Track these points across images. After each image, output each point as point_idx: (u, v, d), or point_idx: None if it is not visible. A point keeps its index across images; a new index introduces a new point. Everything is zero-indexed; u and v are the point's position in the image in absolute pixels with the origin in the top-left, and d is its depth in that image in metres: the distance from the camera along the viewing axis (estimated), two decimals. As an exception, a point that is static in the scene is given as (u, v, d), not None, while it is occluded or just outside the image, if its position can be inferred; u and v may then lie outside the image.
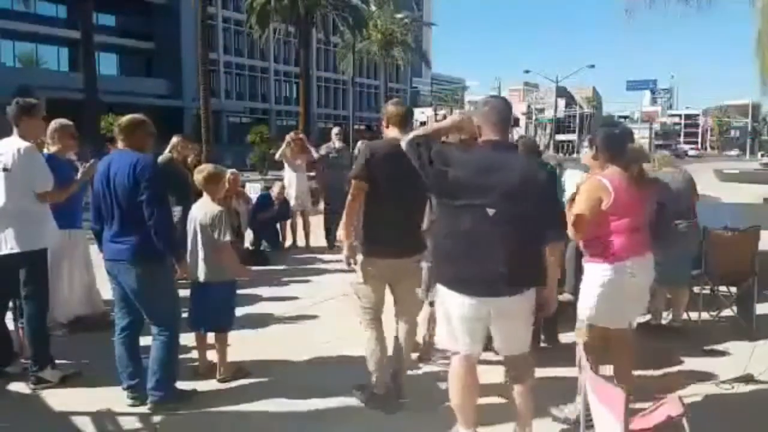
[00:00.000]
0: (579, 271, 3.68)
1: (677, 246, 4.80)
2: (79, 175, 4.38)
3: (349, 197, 3.53)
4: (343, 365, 4.30)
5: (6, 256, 3.85)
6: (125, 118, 3.73)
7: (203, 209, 4.07)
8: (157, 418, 3.55)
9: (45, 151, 4.60)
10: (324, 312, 5.73)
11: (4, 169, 3.84)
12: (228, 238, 3.97)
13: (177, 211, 5.37)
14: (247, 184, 11.69)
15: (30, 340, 3.94)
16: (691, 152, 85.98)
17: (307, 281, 7.06)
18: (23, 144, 3.88)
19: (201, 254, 4.01)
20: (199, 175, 4.17)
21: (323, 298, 6.20)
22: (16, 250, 3.85)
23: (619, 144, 3.46)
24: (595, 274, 3.39)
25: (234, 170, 7.49)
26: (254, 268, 6.52)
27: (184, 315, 4.02)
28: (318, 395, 3.81)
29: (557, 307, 3.18)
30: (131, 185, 3.46)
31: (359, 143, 9.98)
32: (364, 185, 3.49)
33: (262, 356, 4.48)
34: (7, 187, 3.84)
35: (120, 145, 3.67)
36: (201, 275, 4.01)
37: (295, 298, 6.25)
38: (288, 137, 9.06)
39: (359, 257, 3.60)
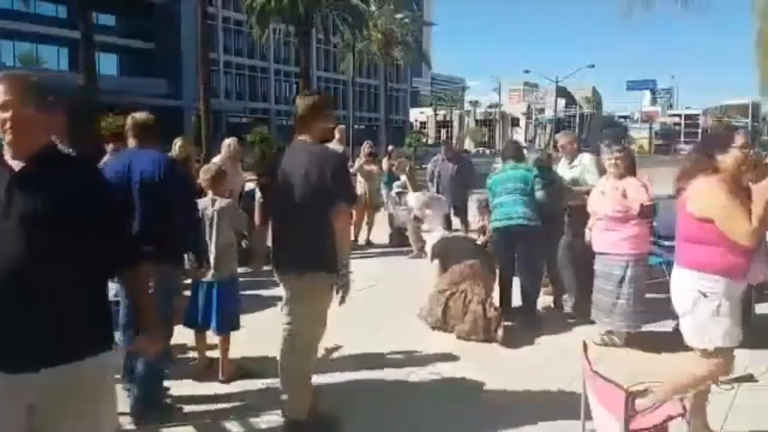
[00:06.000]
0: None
1: None
2: None
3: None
4: (343, 365, 4.31)
5: None
6: (142, 117, 3.67)
7: (214, 203, 4.18)
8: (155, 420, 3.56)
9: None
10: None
11: None
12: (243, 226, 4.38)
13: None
14: (248, 184, 11.66)
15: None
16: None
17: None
18: None
19: (213, 251, 4.06)
20: (206, 175, 4.31)
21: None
22: None
23: None
24: None
25: (234, 170, 7.50)
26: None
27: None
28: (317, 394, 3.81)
29: None
30: (159, 184, 3.38)
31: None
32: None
33: (263, 356, 4.48)
34: None
35: (132, 143, 3.65)
36: (209, 274, 4.04)
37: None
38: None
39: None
